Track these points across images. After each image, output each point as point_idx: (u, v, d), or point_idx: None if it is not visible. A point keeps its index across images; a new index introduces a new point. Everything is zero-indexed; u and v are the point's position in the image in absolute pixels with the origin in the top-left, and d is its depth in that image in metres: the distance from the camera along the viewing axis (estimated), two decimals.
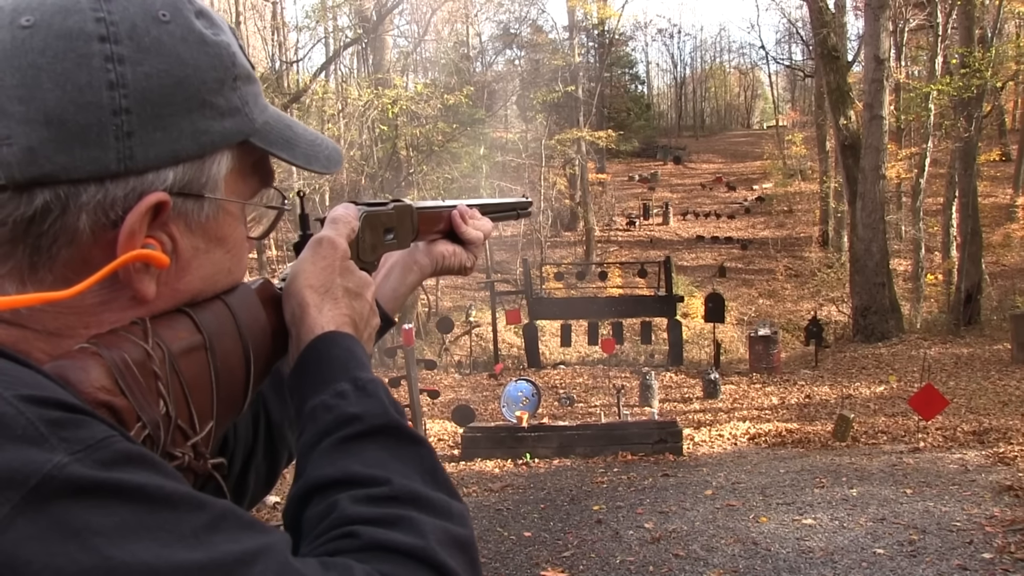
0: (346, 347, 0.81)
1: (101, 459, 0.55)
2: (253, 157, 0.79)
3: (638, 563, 6.10)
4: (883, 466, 8.72)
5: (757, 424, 12.17)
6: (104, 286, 0.68)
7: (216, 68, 0.72)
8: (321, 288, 0.84)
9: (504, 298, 22.03)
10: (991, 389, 13.70)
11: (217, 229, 0.76)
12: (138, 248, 0.68)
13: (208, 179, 0.73)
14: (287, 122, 0.82)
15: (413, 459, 0.75)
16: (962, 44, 21.01)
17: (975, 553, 5.80)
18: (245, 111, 0.75)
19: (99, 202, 0.66)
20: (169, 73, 0.68)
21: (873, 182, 19.46)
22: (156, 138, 0.68)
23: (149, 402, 0.66)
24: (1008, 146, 36.12)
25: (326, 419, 0.76)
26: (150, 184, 0.68)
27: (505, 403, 12.00)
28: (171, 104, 0.69)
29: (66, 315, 0.68)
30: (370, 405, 0.77)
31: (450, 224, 1.15)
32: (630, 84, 61.54)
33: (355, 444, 0.74)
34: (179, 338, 0.71)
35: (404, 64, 28.98)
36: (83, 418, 0.57)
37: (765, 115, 67.30)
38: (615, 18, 39.91)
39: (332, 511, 0.69)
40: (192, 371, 0.72)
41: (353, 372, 0.79)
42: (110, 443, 0.57)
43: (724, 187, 43.19)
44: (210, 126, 0.72)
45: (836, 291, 25.54)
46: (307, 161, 0.82)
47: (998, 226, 29.59)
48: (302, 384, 0.80)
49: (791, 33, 54.02)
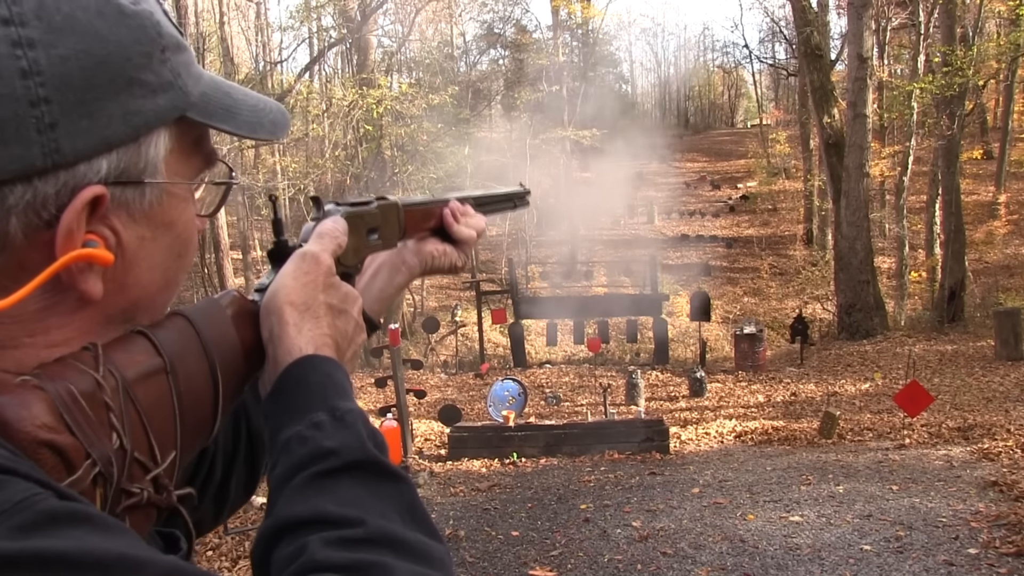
0: (325, 372, 0.75)
1: (18, 525, 0.50)
2: (194, 132, 0.73)
3: (626, 561, 6.10)
4: (869, 463, 8.74)
5: (743, 422, 12.19)
6: (46, 290, 0.63)
7: (140, 41, 0.65)
8: (302, 305, 0.78)
9: (490, 298, 22.00)
10: (975, 385, 13.78)
11: (163, 214, 0.70)
12: (78, 247, 0.62)
13: (146, 163, 0.67)
14: (225, 88, 0.76)
15: (391, 496, 0.70)
16: (944, 43, 21.13)
17: (961, 548, 5.83)
18: (178, 84, 0.69)
19: (28, 203, 0.61)
20: (88, 53, 0.62)
21: (857, 180, 19.54)
22: (83, 126, 0.62)
23: (100, 436, 0.60)
24: (990, 144, 36.35)
25: (300, 452, 0.70)
26: (83, 176, 0.63)
27: (491, 403, 11.99)
28: (95, 87, 0.62)
29: (8, 325, 0.63)
30: (347, 438, 0.71)
31: (440, 221, 1.09)
32: (614, 83, 61.70)
33: (330, 480, 0.68)
34: (135, 363, 0.66)
35: (388, 64, 28.90)
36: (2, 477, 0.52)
37: (749, 114, 67.61)
38: (599, 17, 40.00)
39: (301, 553, 0.64)
40: (151, 398, 0.66)
41: (331, 401, 0.73)
42: (31, 503, 0.51)
43: (708, 186, 43.32)
44: (141, 105, 0.65)
45: (821, 289, 25.63)
46: (251, 129, 0.76)
47: (981, 223, 29.77)
48: (277, 412, 0.74)
49: (774, 32, 54.33)
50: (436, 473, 9.55)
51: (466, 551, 6.50)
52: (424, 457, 10.51)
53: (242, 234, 24.63)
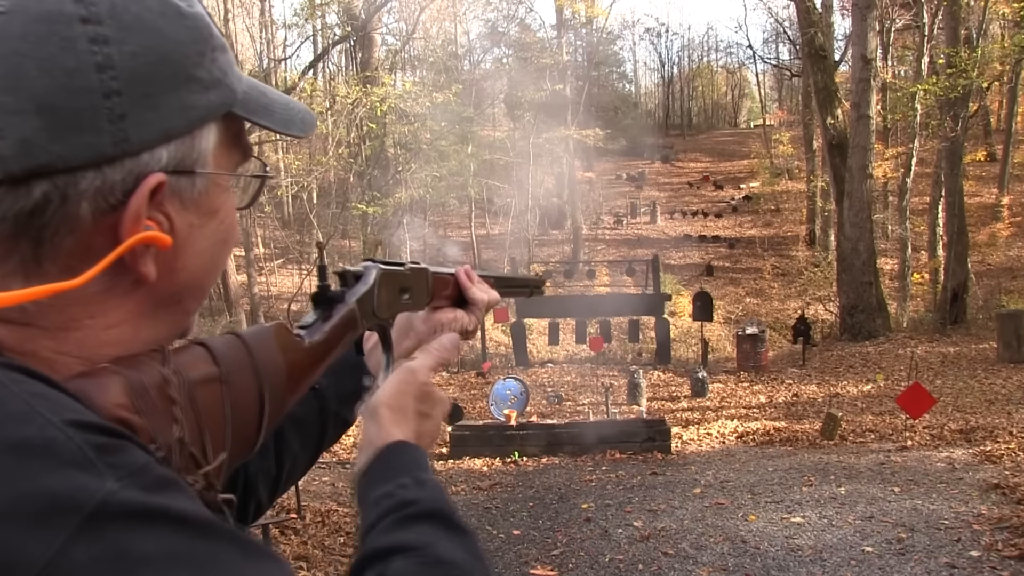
0: (411, 454, 0.89)
1: (146, 484, 0.55)
2: (235, 128, 0.78)
3: (627, 561, 6.10)
4: (871, 464, 8.74)
5: (745, 423, 12.19)
6: (107, 273, 0.67)
7: (196, 40, 0.71)
8: (396, 408, 0.93)
9: None
10: (977, 388, 13.77)
11: (209, 203, 0.75)
12: (141, 231, 0.67)
13: (198, 154, 0.72)
14: (260, 88, 0.81)
15: (461, 541, 0.80)
16: (948, 44, 21.10)
17: (963, 551, 5.82)
18: (226, 81, 0.74)
19: (98, 188, 0.65)
20: (153, 50, 0.67)
21: (860, 181, 19.53)
22: (148, 118, 0.67)
23: (164, 424, 0.66)
24: (993, 146, 36.30)
25: (386, 504, 0.82)
26: (145, 165, 0.67)
27: (493, 401, 11.98)
28: (159, 82, 0.67)
29: (71, 306, 0.67)
30: (427, 493, 0.84)
31: (456, 290, 1.15)
32: (618, 83, 61.67)
33: (410, 522, 0.80)
34: (196, 367, 0.71)
35: (392, 62, 28.92)
36: (123, 443, 0.57)
37: (752, 114, 67.49)
38: (603, 17, 39.92)
39: (385, 572, 0.75)
40: (207, 401, 0.71)
41: (415, 472, 0.86)
42: (151, 467, 0.57)
43: (711, 186, 43.23)
44: (196, 100, 0.71)
45: (823, 290, 25.61)
46: (285, 126, 0.82)
47: (984, 225, 29.73)
48: (369, 483, 0.87)
49: (778, 32, 54.34)
50: (437, 472, 9.53)
51: None
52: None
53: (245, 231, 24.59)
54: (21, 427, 0.54)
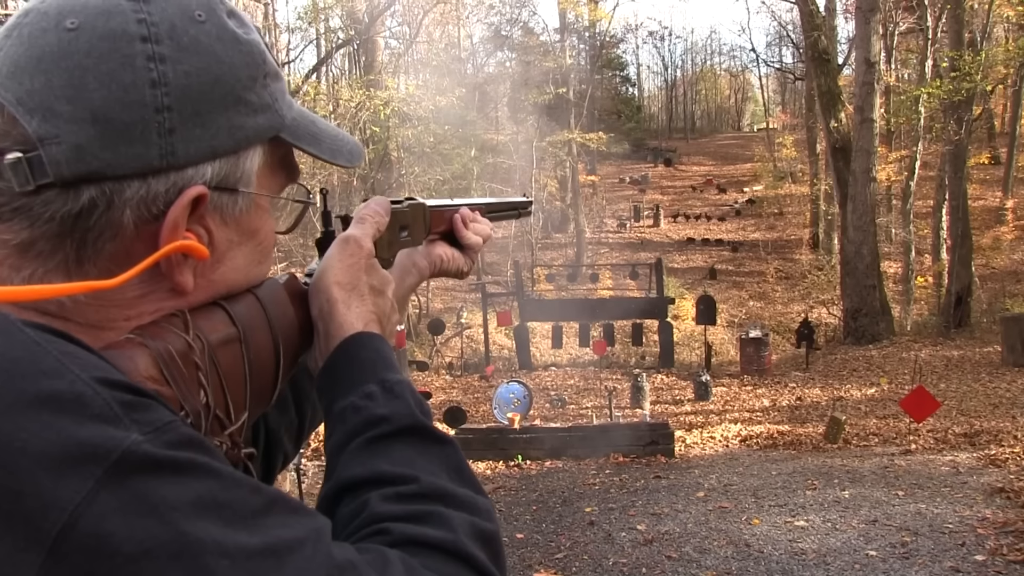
0: (374, 348, 0.84)
1: (169, 440, 0.57)
2: (281, 152, 0.81)
3: (631, 565, 6.09)
4: (875, 468, 8.73)
5: (748, 426, 12.18)
6: (144, 278, 0.70)
7: (249, 66, 0.74)
8: (348, 285, 0.87)
9: (495, 300, 22.00)
10: (982, 391, 13.74)
11: (249, 223, 0.78)
12: (180, 240, 0.70)
13: (242, 174, 0.75)
14: (311, 118, 0.84)
15: (439, 457, 0.78)
16: (952, 47, 21.09)
17: (967, 555, 5.81)
18: (275, 107, 0.78)
19: (142, 197, 0.68)
20: (207, 71, 0.71)
21: (864, 185, 19.52)
22: (195, 134, 0.70)
23: (191, 392, 0.69)
24: (997, 149, 36.23)
25: (354, 420, 0.78)
26: (189, 179, 0.70)
27: (496, 405, 11.97)
28: (209, 101, 0.71)
29: (108, 307, 0.70)
30: (397, 406, 0.79)
31: (450, 225, 1.15)
32: (621, 86, 61.69)
33: (383, 444, 0.76)
34: (216, 330, 0.74)
35: (395, 66, 28.91)
36: (150, 402, 0.59)
37: (755, 118, 67.50)
38: (606, 20, 39.99)
39: (363, 510, 0.72)
40: (228, 363, 0.74)
41: (381, 374, 0.81)
42: (176, 426, 0.59)
43: (715, 189, 43.22)
44: (245, 122, 0.74)
45: (827, 293, 25.59)
46: (332, 156, 0.84)
47: (988, 229, 29.69)
48: (331, 385, 0.82)
49: (781, 36, 54.38)
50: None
51: None
52: None
53: None
54: (52, 381, 0.56)
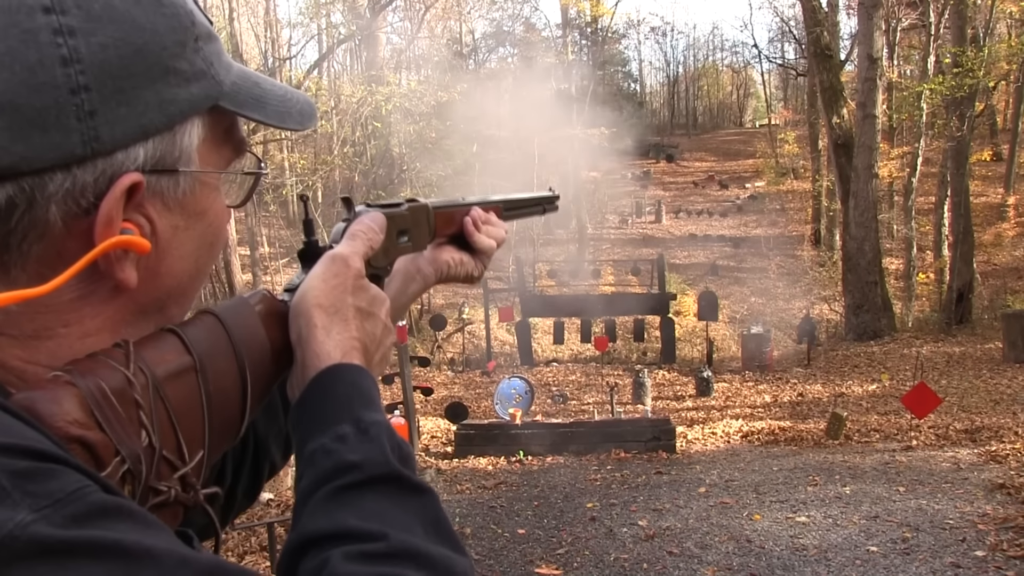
0: (351, 382, 0.74)
1: (71, 514, 0.50)
2: (224, 122, 0.73)
3: (632, 560, 6.10)
4: (876, 464, 8.73)
5: (750, 422, 12.19)
6: (82, 279, 0.63)
7: (175, 30, 0.66)
8: (331, 308, 0.76)
9: (497, 295, 22.00)
10: (983, 388, 13.75)
11: (195, 203, 0.71)
12: (116, 234, 0.62)
13: (181, 152, 0.68)
14: (254, 79, 0.76)
15: (414, 509, 0.68)
16: (954, 43, 21.06)
17: (968, 551, 5.82)
18: (211, 73, 0.69)
19: (68, 191, 0.61)
20: (126, 41, 0.62)
21: (866, 181, 19.51)
22: (121, 114, 0.62)
23: (129, 433, 0.60)
24: (1000, 146, 36.21)
25: (325, 465, 0.68)
26: (120, 165, 0.63)
27: (498, 400, 11.99)
28: (132, 75, 0.62)
29: (43, 314, 0.63)
30: (371, 451, 0.69)
31: (460, 227, 1.06)
32: (623, 82, 61.62)
33: (353, 494, 0.67)
34: (165, 361, 0.65)
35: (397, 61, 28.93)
36: (53, 467, 0.51)
37: (758, 114, 67.45)
38: (608, 16, 40.00)
39: (323, 568, 0.62)
40: (180, 396, 0.65)
41: (357, 412, 0.72)
42: (82, 495, 0.51)
43: (717, 185, 43.24)
44: (176, 94, 0.66)
45: (828, 289, 25.60)
46: (280, 119, 0.76)
47: (989, 225, 29.69)
48: (303, 422, 0.73)
49: (784, 32, 54.22)
50: (442, 470, 9.56)
51: (472, 549, 6.51)
52: (430, 454, 10.54)
53: (250, 230, 24.64)
54: None
